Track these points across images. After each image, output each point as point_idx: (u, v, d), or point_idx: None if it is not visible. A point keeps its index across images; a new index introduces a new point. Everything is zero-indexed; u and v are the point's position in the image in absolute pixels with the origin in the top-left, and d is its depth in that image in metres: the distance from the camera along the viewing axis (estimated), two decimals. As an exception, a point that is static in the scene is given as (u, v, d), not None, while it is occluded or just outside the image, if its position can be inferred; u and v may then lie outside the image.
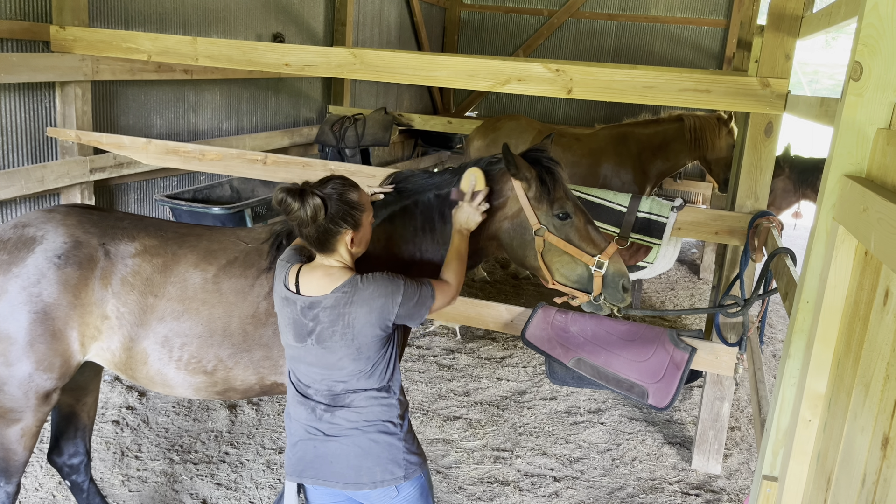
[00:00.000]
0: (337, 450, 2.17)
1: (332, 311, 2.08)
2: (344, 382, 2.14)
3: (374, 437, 2.17)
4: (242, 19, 6.28)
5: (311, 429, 2.20)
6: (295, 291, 2.15)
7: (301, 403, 2.22)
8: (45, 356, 2.49)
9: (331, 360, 2.12)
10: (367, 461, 2.16)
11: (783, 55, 3.52)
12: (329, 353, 2.11)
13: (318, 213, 2.05)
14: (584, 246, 2.60)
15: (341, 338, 2.09)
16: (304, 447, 2.23)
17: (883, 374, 1.48)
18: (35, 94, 4.36)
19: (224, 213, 4.81)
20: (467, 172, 2.57)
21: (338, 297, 2.08)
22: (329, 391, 2.17)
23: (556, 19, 10.70)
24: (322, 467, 2.20)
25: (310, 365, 2.16)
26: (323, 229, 2.08)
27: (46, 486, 3.49)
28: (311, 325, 2.11)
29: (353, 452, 2.16)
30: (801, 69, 26.71)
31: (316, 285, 2.12)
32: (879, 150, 1.73)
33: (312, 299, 2.11)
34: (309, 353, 2.14)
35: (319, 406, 2.18)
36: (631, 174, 5.99)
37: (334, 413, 2.17)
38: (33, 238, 2.53)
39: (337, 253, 2.15)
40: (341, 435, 2.16)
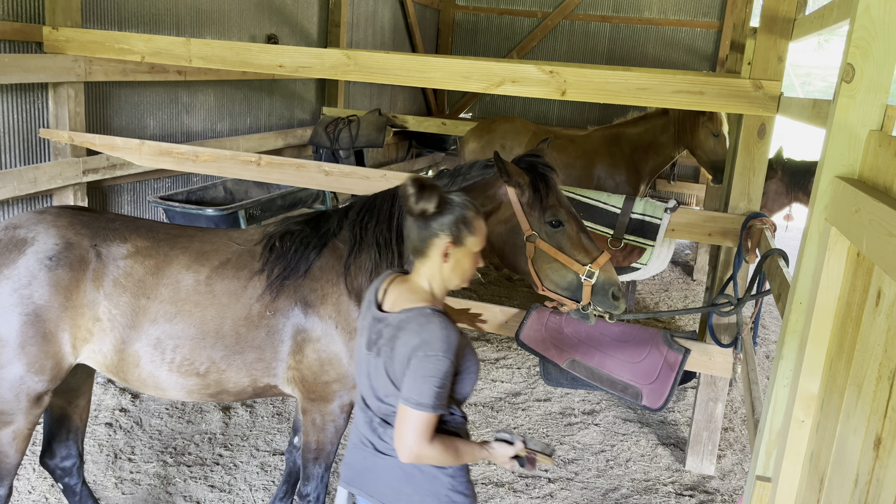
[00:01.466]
0: (383, 467, 2.11)
1: (391, 330, 2.03)
2: (391, 406, 2.06)
3: (420, 465, 2.07)
4: (236, 20, 6.27)
5: (365, 439, 2.16)
6: (377, 301, 2.14)
7: (361, 409, 2.18)
8: (37, 358, 2.48)
9: (381, 378, 2.06)
10: (408, 487, 2.09)
11: (776, 57, 3.53)
12: (381, 369, 2.05)
13: (428, 207, 2.02)
14: (576, 254, 2.58)
15: (387, 360, 2.03)
16: (355, 455, 2.19)
17: (875, 374, 1.49)
18: (27, 96, 4.34)
19: (218, 215, 4.80)
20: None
21: (401, 318, 2.02)
22: (379, 408, 2.10)
23: (550, 21, 10.72)
24: (367, 480, 2.15)
25: (367, 375, 2.12)
26: (425, 228, 2.04)
27: (39, 489, 3.48)
28: (375, 337, 2.08)
29: (396, 475, 2.10)
30: (794, 71, 26.82)
31: (394, 300, 2.09)
32: (871, 151, 1.74)
33: (382, 315, 2.08)
34: (370, 363, 2.10)
35: (376, 418, 2.12)
36: (624, 174, 6.01)
37: (387, 430, 2.09)
38: (24, 240, 2.52)
39: (430, 263, 2.08)
40: (389, 454, 2.09)
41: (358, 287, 2.63)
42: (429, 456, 1.95)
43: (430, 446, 1.93)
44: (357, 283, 2.63)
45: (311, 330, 2.61)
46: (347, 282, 2.62)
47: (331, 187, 4.07)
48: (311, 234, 2.70)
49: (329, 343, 2.61)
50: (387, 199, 2.71)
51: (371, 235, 2.64)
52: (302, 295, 2.61)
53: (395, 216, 2.66)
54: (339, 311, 2.61)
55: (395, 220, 2.65)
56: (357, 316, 2.61)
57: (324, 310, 2.61)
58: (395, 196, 2.70)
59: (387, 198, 2.71)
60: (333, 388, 2.66)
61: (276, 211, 5.37)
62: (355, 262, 2.64)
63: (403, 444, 1.94)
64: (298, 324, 2.61)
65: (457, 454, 2.02)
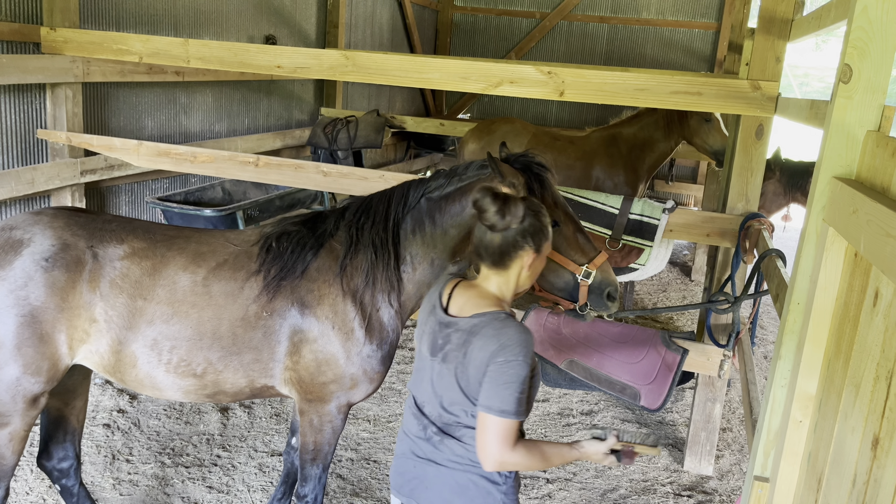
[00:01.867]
0: (435, 477, 2.08)
1: (461, 336, 1.99)
2: (454, 415, 2.03)
3: (474, 479, 2.04)
4: (234, 21, 6.26)
5: (417, 447, 2.13)
6: (443, 306, 2.12)
7: (415, 417, 2.15)
8: (33, 360, 2.47)
9: (447, 384, 2.03)
10: (460, 500, 2.05)
11: (773, 58, 3.54)
12: (449, 375, 2.02)
13: (513, 221, 1.99)
14: (572, 254, 2.58)
15: (458, 366, 1.99)
16: (406, 463, 2.16)
17: (873, 374, 1.49)
18: (25, 96, 4.34)
19: (216, 215, 4.79)
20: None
21: (473, 323, 1.99)
22: (440, 416, 2.07)
23: (549, 22, 10.73)
24: (417, 489, 2.12)
25: (430, 381, 2.08)
26: (509, 241, 2.01)
27: (37, 490, 3.47)
28: (441, 342, 2.05)
29: (450, 486, 2.06)
30: (792, 72, 26.86)
31: (462, 305, 2.06)
32: (869, 152, 1.74)
33: (451, 320, 2.05)
34: (433, 369, 2.07)
35: (432, 427, 2.09)
36: (623, 174, 6.02)
37: (444, 440, 2.06)
38: (20, 241, 2.51)
39: (507, 273, 2.06)
40: (444, 464, 2.07)
41: (354, 288, 2.62)
42: (513, 462, 1.92)
43: (513, 452, 1.91)
44: (353, 283, 2.62)
45: (307, 331, 2.61)
46: (344, 282, 2.62)
47: (329, 188, 4.07)
48: (308, 234, 2.70)
49: (326, 344, 2.61)
50: (383, 199, 2.70)
51: (367, 236, 2.63)
52: (299, 296, 2.61)
53: (392, 217, 2.65)
54: (335, 312, 2.60)
55: (392, 220, 2.64)
56: (354, 317, 2.61)
57: (320, 310, 2.60)
58: (392, 197, 2.69)
59: (383, 198, 2.71)
60: (330, 388, 2.66)
61: (274, 212, 5.36)
62: (352, 263, 2.63)
63: (486, 453, 1.91)
64: (295, 324, 2.60)
65: (543, 457, 1.99)
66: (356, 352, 2.62)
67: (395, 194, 2.69)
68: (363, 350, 2.63)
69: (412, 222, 2.64)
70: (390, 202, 2.67)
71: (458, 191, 2.62)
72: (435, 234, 2.63)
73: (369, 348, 2.64)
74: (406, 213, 2.65)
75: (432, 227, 2.63)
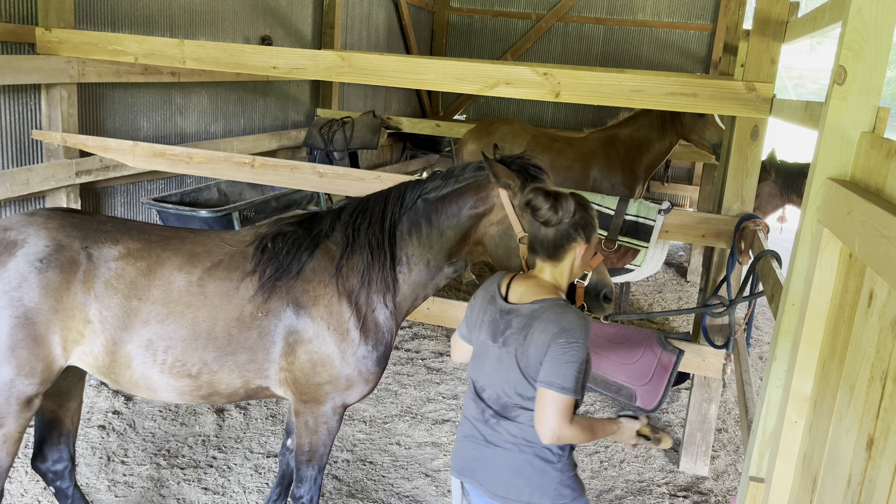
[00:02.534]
0: (494, 458, 2.19)
1: (522, 320, 2.13)
2: (511, 398, 2.15)
3: (530, 458, 2.15)
4: (230, 22, 6.26)
5: (476, 430, 2.25)
6: (503, 295, 2.23)
7: (474, 401, 2.27)
8: (27, 361, 2.46)
9: (506, 367, 2.15)
10: (518, 480, 2.16)
11: (768, 59, 3.55)
12: (508, 358, 2.14)
13: (566, 216, 2.14)
14: None
15: (519, 348, 2.11)
16: (466, 446, 2.28)
17: (868, 375, 1.49)
18: (20, 97, 4.32)
19: (212, 216, 4.78)
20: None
21: (534, 308, 2.12)
22: (499, 399, 2.18)
23: (544, 23, 10.74)
24: (478, 470, 2.23)
25: (491, 366, 2.20)
26: (563, 234, 2.16)
27: (31, 492, 3.46)
28: (503, 327, 2.18)
29: (508, 467, 2.17)
30: (787, 73, 26.94)
31: (522, 293, 2.20)
32: (863, 153, 1.74)
33: (513, 306, 2.18)
34: (494, 354, 2.19)
35: (489, 410, 2.21)
36: (620, 175, 6.04)
37: (500, 422, 2.18)
38: (14, 242, 2.50)
39: (561, 264, 2.20)
40: (501, 445, 2.18)
41: (350, 288, 2.62)
42: (569, 436, 2.05)
43: (570, 427, 2.03)
44: (349, 284, 2.62)
45: (302, 331, 2.60)
46: (339, 283, 2.62)
47: (325, 189, 4.07)
48: (304, 235, 2.70)
49: (321, 344, 2.60)
50: (379, 200, 2.70)
51: (364, 237, 2.63)
52: (294, 296, 2.61)
53: (388, 217, 2.65)
54: (330, 313, 2.60)
55: (388, 221, 2.65)
56: (349, 317, 2.61)
57: (316, 311, 2.60)
58: (389, 197, 2.69)
59: (380, 199, 2.71)
60: (325, 389, 2.66)
61: (270, 212, 5.36)
62: (347, 264, 2.63)
63: (546, 426, 2.03)
64: (290, 325, 2.60)
65: (592, 431, 2.13)
66: (351, 352, 2.62)
67: (391, 195, 2.70)
68: (358, 351, 2.63)
69: (408, 223, 2.65)
70: (387, 203, 2.67)
71: (455, 192, 2.62)
72: (431, 234, 2.63)
73: (364, 349, 2.64)
74: (402, 214, 2.66)
75: (429, 228, 2.63)
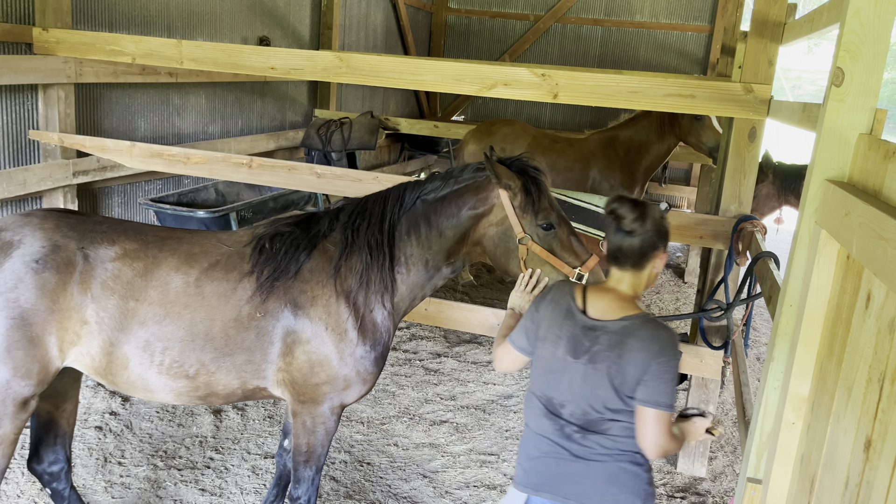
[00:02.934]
0: (585, 471, 2.20)
1: (613, 338, 2.13)
2: (601, 413, 2.15)
3: (624, 466, 2.19)
4: (228, 22, 6.25)
5: (557, 447, 2.23)
6: (581, 309, 2.22)
7: (548, 418, 2.25)
8: (23, 363, 2.45)
9: (594, 384, 2.14)
10: (614, 488, 2.18)
11: (766, 61, 3.55)
12: (598, 375, 2.13)
13: (651, 225, 2.16)
14: (566, 257, 2.61)
15: (612, 365, 2.11)
16: (547, 463, 2.25)
17: (865, 376, 1.49)
18: (17, 97, 4.31)
19: (209, 217, 4.78)
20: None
21: (624, 326, 2.14)
22: (585, 414, 2.18)
23: (542, 24, 10.75)
24: (563, 485, 2.22)
25: (572, 383, 2.18)
26: (649, 243, 2.17)
27: (28, 493, 3.45)
28: (588, 344, 2.16)
29: (602, 477, 2.19)
30: (784, 75, 26.99)
31: (605, 308, 2.20)
32: (861, 154, 1.75)
33: (597, 322, 2.17)
34: (578, 371, 2.17)
35: (570, 426, 2.20)
36: (619, 176, 6.07)
37: (586, 436, 2.18)
38: (10, 242, 2.49)
39: (643, 273, 2.22)
40: (592, 458, 2.19)
41: (347, 288, 2.62)
42: (671, 448, 2.12)
43: (670, 439, 2.10)
44: (347, 284, 2.62)
45: (300, 332, 2.60)
46: (337, 283, 2.62)
47: (323, 189, 4.06)
48: (301, 235, 2.70)
49: (319, 345, 2.60)
50: (379, 201, 2.71)
51: (363, 237, 2.63)
52: (292, 297, 2.60)
53: (388, 218, 2.65)
54: (328, 313, 2.60)
55: (388, 221, 2.65)
56: (347, 317, 2.60)
57: (314, 311, 2.60)
58: (388, 198, 2.69)
59: (379, 200, 2.71)
60: (323, 389, 2.65)
61: (267, 213, 5.35)
62: (346, 264, 2.63)
63: (652, 442, 2.09)
64: (288, 326, 2.60)
65: (682, 437, 2.22)
66: (349, 353, 2.62)
67: (390, 196, 2.70)
68: (356, 351, 2.63)
69: (407, 224, 2.65)
70: (386, 203, 2.67)
71: (455, 193, 2.63)
72: (430, 235, 2.64)
73: (362, 349, 2.64)
74: (402, 215, 2.66)
75: (427, 229, 2.64)
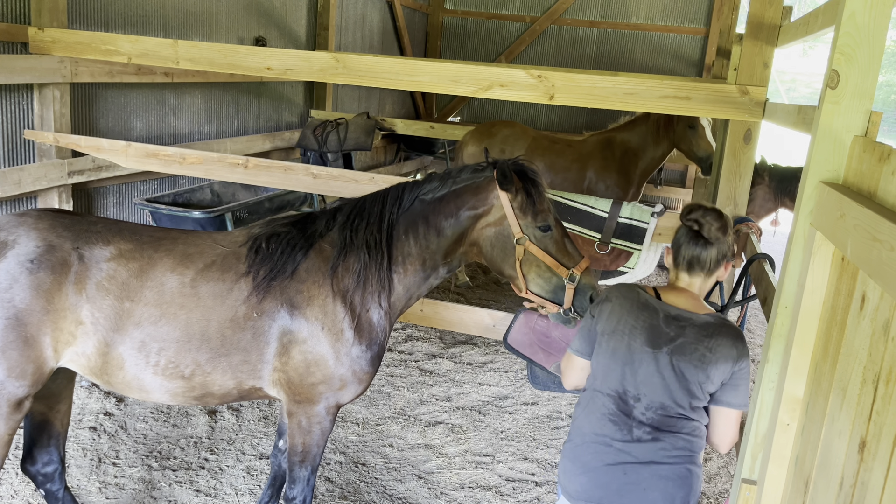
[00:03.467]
0: (654, 476, 2.14)
1: (698, 331, 2.14)
2: (681, 407, 2.14)
3: (691, 467, 2.18)
4: (224, 22, 6.24)
5: (624, 454, 2.17)
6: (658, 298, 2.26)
7: (613, 421, 2.19)
8: (18, 363, 2.44)
9: (682, 375, 2.12)
10: (682, 491, 2.15)
11: (761, 63, 3.56)
12: (684, 367, 2.12)
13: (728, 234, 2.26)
14: (561, 258, 2.65)
15: (698, 360, 2.12)
16: (610, 473, 2.17)
17: (860, 378, 1.49)
18: (12, 96, 4.30)
19: (204, 217, 4.77)
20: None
21: (707, 321, 2.16)
22: (663, 409, 2.14)
23: (539, 26, 10.76)
24: (630, 494, 2.14)
25: (652, 373, 2.14)
26: (723, 252, 2.25)
27: (22, 493, 3.43)
28: (672, 334, 2.15)
29: (672, 481, 2.14)
30: (780, 77, 27.09)
31: (684, 304, 2.23)
32: (856, 157, 1.75)
33: (682, 312, 2.19)
34: (659, 361, 2.14)
35: (641, 427, 2.16)
36: (615, 178, 6.09)
37: (660, 436, 2.15)
38: (4, 242, 2.49)
39: (712, 278, 2.30)
40: (664, 461, 2.14)
41: (344, 288, 2.62)
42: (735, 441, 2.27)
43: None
44: (343, 284, 2.63)
45: (297, 332, 2.60)
46: (334, 283, 2.62)
47: (318, 190, 4.06)
48: (298, 235, 2.70)
49: (315, 344, 2.60)
50: (377, 201, 2.71)
51: (361, 237, 2.64)
52: (288, 296, 2.60)
53: (386, 218, 2.67)
54: (325, 313, 2.60)
55: (386, 221, 2.66)
56: (343, 317, 2.61)
57: (310, 311, 2.60)
58: (387, 198, 2.71)
59: (377, 200, 2.72)
60: (319, 389, 2.65)
61: (263, 213, 5.34)
62: (343, 264, 2.63)
63: (729, 441, 2.22)
64: (284, 325, 2.60)
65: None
66: (345, 352, 2.62)
67: (389, 196, 2.71)
68: (352, 350, 2.63)
69: (405, 224, 2.67)
70: (385, 203, 2.69)
71: (453, 193, 2.65)
72: (429, 234, 2.66)
73: (358, 349, 2.64)
74: (400, 215, 2.68)
75: (426, 229, 2.66)
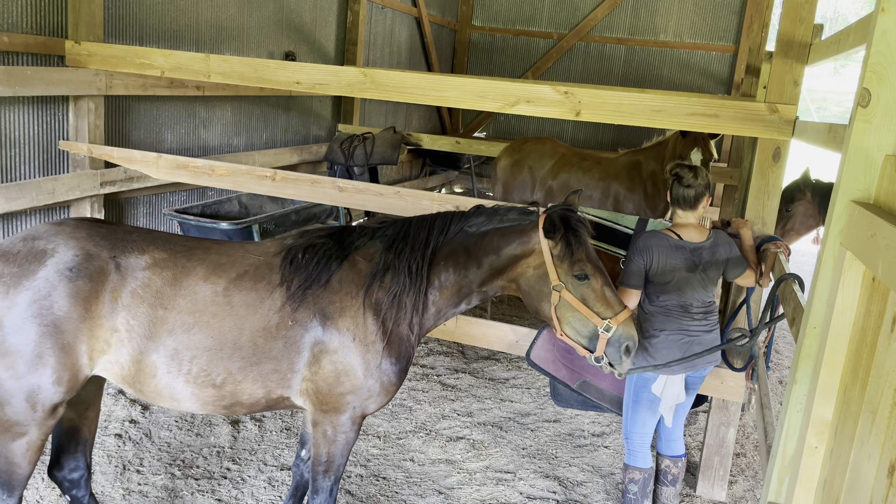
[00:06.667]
0: (706, 337, 3.25)
1: (710, 251, 3.22)
2: (711, 298, 3.27)
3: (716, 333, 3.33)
4: (255, 37, 6.35)
5: (689, 329, 3.22)
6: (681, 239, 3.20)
7: (678, 315, 3.23)
8: (55, 370, 2.49)
9: (707, 284, 3.21)
10: (716, 341, 3.29)
11: (791, 81, 3.53)
12: (712, 275, 3.21)
13: (702, 179, 3.18)
14: (597, 307, 2.69)
15: (715, 267, 3.22)
16: (682, 340, 3.22)
17: (890, 400, 1.47)
18: (48, 108, 4.41)
19: (232, 229, 4.83)
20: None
21: (711, 241, 3.24)
22: (703, 304, 3.25)
23: (566, 42, 10.78)
24: (693, 349, 3.22)
25: (694, 287, 3.20)
26: (699, 192, 3.19)
27: (48, 498, 3.48)
28: (696, 261, 3.18)
29: (713, 338, 3.28)
30: (810, 96, 26.80)
31: (694, 235, 3.23)
32: (887, 176, 1.73)
33: (696, 245, 3.21)
34: (697, 279, 3.19)
35: (697, 314, 3.24)
36: (642, 196, 6.06)
37: (707, 317, 3.26)
38: (44, 251, 2.54)
39: (696, 212, 3.22)
40: (712, 330, 3.28)
41: (377, 301, 2.68)
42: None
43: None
44: (377, 297, 2.68)
45: (328, 342, 2.63)
46: (367, 296, 2.66)
47: (344, 203, 4.10)
48: (334, 246, 2.75)
49: (346, 355, 2.63)
50: (423, 227, 2.78)
51: (404, 261, 2.70)
52: (321, 307, 2.64)
53: (431, 245, 2.73)
54: (357, 324, 2.64)
55: (430, 248, 2.73)
56: (375, 330, 2.66)
57: (342, 322, 2.63)
58: (433, 226, 2.77)
59: (423, 226, 2.79)
60: (347, 399, 2.68)
61: (289, 226, 5.40)
62: (380, 281, 2.69)
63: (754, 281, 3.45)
64: (316, 336, 2.63)
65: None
66: (375, 364, 2.66)
67: (436, 224, 2.78)
68: (382, 363, 2.67)
69: (447, 251, 2.75)
70: (431, 231, 2.76)
71: (498, 231, 2.74)
72: (469, 265, 2.74)
73: (388, 361, 2.68)
74: (444, 244, 2.75)
75: (466, 259, 2.74)
